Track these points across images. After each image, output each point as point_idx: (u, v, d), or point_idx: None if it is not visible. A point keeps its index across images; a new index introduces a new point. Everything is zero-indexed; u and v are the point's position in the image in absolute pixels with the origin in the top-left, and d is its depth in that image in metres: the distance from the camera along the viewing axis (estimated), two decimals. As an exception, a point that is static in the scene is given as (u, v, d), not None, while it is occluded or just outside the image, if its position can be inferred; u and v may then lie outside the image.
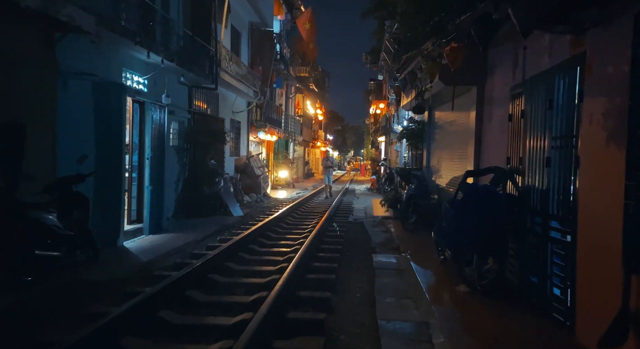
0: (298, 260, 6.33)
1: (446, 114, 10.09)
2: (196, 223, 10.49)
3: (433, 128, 11.23)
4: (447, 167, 9.86)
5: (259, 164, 17.09)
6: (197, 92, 12.10)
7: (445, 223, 6.55)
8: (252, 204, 15.12)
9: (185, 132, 11.21)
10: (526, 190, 5.41)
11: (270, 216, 11.39)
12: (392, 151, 22.80)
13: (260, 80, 17.52)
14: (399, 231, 10.06)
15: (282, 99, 26.00)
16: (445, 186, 9.87)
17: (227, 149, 15.23)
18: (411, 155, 15.40)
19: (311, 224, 10.79)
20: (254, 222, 10.66)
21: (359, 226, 11.26)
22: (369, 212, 14.09)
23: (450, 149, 9.56)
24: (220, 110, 14.20)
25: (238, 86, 14.55)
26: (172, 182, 10.61)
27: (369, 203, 16.87)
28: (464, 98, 8.61)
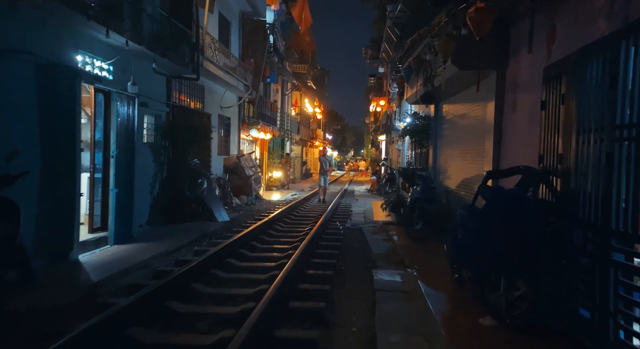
0: (282, 281, 5.14)
1: (456, 107, 8.90)
2: (174, 230, 9.28)
3: (440, 123, 10.04)
4: (458, 167, 8.66)
5: (250, 163, 15.89)
6: (177, 84, 10.90)
7: (463, 235, 5.34)
8: (242, 208, 13.91)
9: (163, 128, 10.01)
10: (569, 196, 4.21)
11: (259, 222, 10.19)
12: (394, 150, 21.60)
13: (252, 74, 16.32)
14: (402, 239, 8.86)
15: (277, 95, 24.80)
16: (456, 189, 8.67)
17: (215, 147, 14.03)
18: (415, 154, 14.20)
19: (304, 231, 9.59)
20: (239, 229, 9.46)
21: (358, 232, 10.06)
22: (368, 216, 12.88)
23: (462, 146, 8.36)
24: (206, 104, 12.99)
25: (226, 79, 13.35)
26: (146, 183, 9.40)
27: (368, 206, 15.66)
28: (480, 86, 7.42)
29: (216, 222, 10.47)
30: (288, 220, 11.41)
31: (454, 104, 9.11)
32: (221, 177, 13.96)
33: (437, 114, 10.35)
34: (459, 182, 8.50)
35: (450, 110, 9.36)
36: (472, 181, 7.74)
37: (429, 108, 11.64)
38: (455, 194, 8.65)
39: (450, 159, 9.23)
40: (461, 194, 8.26)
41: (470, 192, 7.73)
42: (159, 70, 9.53)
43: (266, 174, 20.89)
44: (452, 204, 8.87)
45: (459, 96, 8.66)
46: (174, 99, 10.67)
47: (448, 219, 8.90)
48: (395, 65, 11.73)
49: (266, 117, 19.04)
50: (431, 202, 8.83)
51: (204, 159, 12.39)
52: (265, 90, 20.89)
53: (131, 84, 7.55)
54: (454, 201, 8.77)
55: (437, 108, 10.34)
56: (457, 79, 7.24)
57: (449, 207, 9.03)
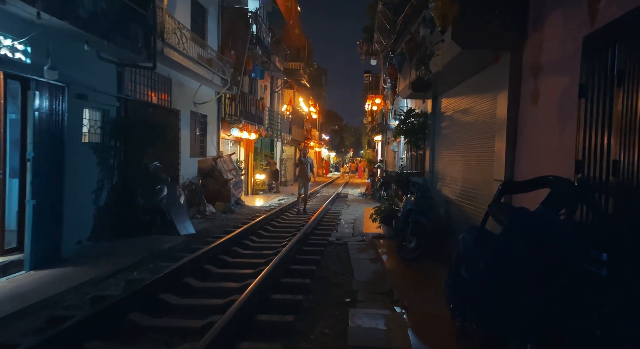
0: (217, 334, 3.66)
1: (458, 101, 7.41)
2: (122, 247, 7.78)
3: (439, 120, 8.54)
4: (460, 172, 7.17)
5: (229, 166, 14.39)
6: (134, 74, 9.39)
7: (468, 273, 3.84)
8: (217, 216, 12.40)
9: (113, 125, 8.50)
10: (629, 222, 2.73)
11: (228, 235, 8.69)
12: (389, 151, 20.11)
13: (233, 67, 14.82)
14: (393, 259, 7.36)
15: (266, 92, 23.29)
16: (457, 199, 7.17)
17: (186, 148, 12.52)
18: (410, 156, 12.69)
19: (279, 246, 8.10)
20: (199, 247, 7.94)
21: (342, 249, 8.54)
22: (357, 226, 11.38)
23: (465, 147, 6.87)
24: (174, 99, 11.49)
25: (198, 71, 11.85)
26: (88, 191, 7.89)
27: (359, 213, 14.16)
28: (487, 74, 5.93)
29: (177, 237, 8.96)
30: (264, 232, 9.90)
31: (454, 97, 7.61)
32: (193, 181, 12.45)
33: (435, 110, 8.85)
34: (461, 191, 7.01)
35: (451, 104, 7.87)
36: (477, 190, 6.25)
37: (425, 104, 10.14)
38: (457, 205, 7.15)
39: (451, 163, 7.74)
40: (464, 205, 6.77)
41: (475, 204, 6.24)
42: (105, 57, 8.03)
43: (251, 178, 19.38)
44: (453, 218, 7.38)
45: (461, 87, 7.17)
46: (129, 91, 9.16)
47: (448, 236, 7.40)
48: (388, 55, 10.24)
49: (251, 116, 17.54)
50: (427, 215, 7.33)
51: (170, 162, 10.89)
52: (251, 86, 19.39)
53: (48, 68, 6.03)
54: (455, 214, 7.28)
55: (435, 103, 8.85)
56: (459, 63, 5.75)
57: (449, 222, 7.53)
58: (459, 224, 6.98)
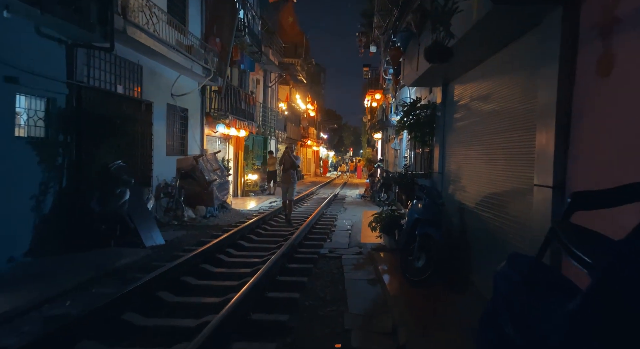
0: None
1: (476, 86, 6.02)
2: (67, 264, 6.40)
3: (451, 112, 7.14)
4: (479, 174, 5.77)
5: (213, 165, 12.98)
6: (92, 58, 8.00)
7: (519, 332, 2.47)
8: (196, 222, 11.01)
9: (60, 117, 7.10)
10: None
11: (204, 246, 7.36)
12: (390, 150, 18.72)
13: (218, 57, 13.42)
14: (396, 280, 5.98)
15: (258, 87, 21.88)
16: (476, 207, 5.79)
17: (162, 145, 11.14)
18: (414, 155, 11.29)
19: (259, 262, 6.75)
20: (162, 264, 6.57)
21: (335, 264, 7.16)
22: (354, 234, 10.00)
23: (488, 143, 5.47)
24: (146, 90, 10.10)
25: (176, 58, 10.46)
26: (25, 197, 6.51)
27: (357, 218, 12.78)
28: (521, 45, 4.55)
29: (140, 249, 7.57)
30: (245, 243, 8.51)
31: (472, 82, 6.22)
32: (170, 183, 11.05)
33: (446, 100, 7.45)
34: (481, 197, 5.62)
35: (466, 91, 6.47)
36: (505, 197, 4.86)
37: (433, 93, 8.74)
38: (475, 214, 5.76)
39: (467, 163, 6.34)
40: (485, 216, 5.38)
41: (502, 215, 4.86)
42: (48, 34, 6.64)
43: (241, 178, 17.99)
44: (470, 230, 5.98)
45: (481, 69, 5.78)
46: (84, 77, 7.76)
47: (465, 253, 6.01)
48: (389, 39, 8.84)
49: (240, 111, 16.14)
50: (438, 226, 5.95)
51: (140, 161, 9.49)
52: (241, 79, 17.99)
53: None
54: (472, 225, 5.89)
55: (446, 91, 7.45)
56: (487, 29, 4.35)
57: (464, 234, 6.14)
58: (478, 239, 5.59)
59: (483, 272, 5.36)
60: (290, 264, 6.73)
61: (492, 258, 5.10)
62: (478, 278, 5.53)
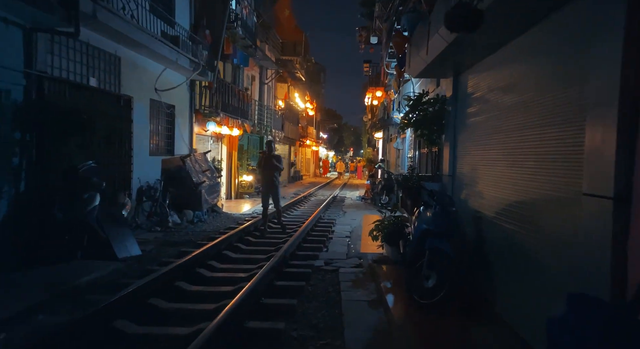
0: None
1: (498, 74, 5.13)
2: (19, 283, 5.52)
3: (464, 106, 6.25)
4: (500, 178, 4.87)
5: (202, 166, 12.09)
6: (57, 46, 7.13)
7: None
8: (181, 228, 10.12)
9: (16, 112, 6.21)
10: None
11: (184, 257, 6.51)
12: (392, 150, 17.83)
13: (208, 50, 12.54)
14: (402, 303, 5.10)
15: (254, 84, 20.97)
16: (497, 217, 4.90)
17: (144, 145, 10.26)
18: (419, 155, 10.41)
19: (245, 277, 5.88)
20: (134, 279, 5.70)
21: (331, 280, 6.27)
22: (354, 242, 9.11)
23: (513, 141, 4.58)
24: (125, 84, 9.21)
25: (159, 50, 9.58)
26: (-29, 203, 5.62)
27: (357, 222, 11.90)
28: (562, 18, 3.66)
29: (111, 262, 6.68)
30: (232, 254, 7.61)
31: (489, 70, 5.32)
32: (153, 186, 10.16)
33: (458, 93, 6.56)
34: (502, 206, 4.73)
35: (483, 82, 5.58)
36: (537, 207, 3.97)
37: (441, 87, 7.86)
38: (496, 225, 4.87)
39: (484, 165, 5.45)
40: (509, 229, 4.48)
41: (533, 228, 3.99)
42: (2, 16, 5.75)
43: (235, 179, 17.10)
44: (489, 244, 5.08)
45: (502, 54, 4.89)
46: (48, 67, 6.88)
47: (484, 272, 5.13)
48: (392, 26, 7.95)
49: (233, 108, 15.25)
50: (451, 239, 5.05)
51: (117, 161, 8.62)
52: (234, 75, 17.09)
53: None
54: (492, 238, 4.99)
55: (458, 83, 6.56)
56: None
57: (482, 249, 5.24)
58: (499, 256, 4.70)
59: (507, 297, 4.47)
60: (279, 282, 5.83)
61: (518, 281, 4.21)
62: (501, 303, 4.64)
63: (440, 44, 5.00)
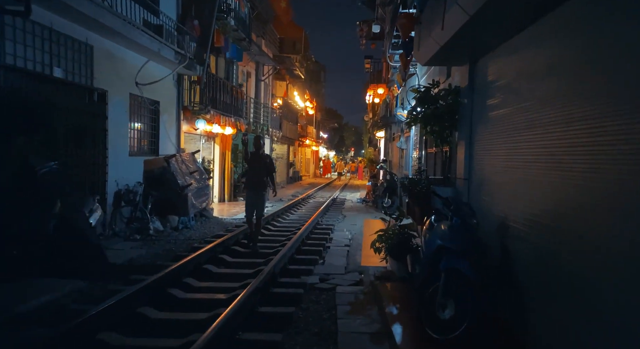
0: None
1: (527, 58, 4.17)
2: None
3: (484, 97, 5.30)
4: (536, 183, 3.92)
5: (190, 167, 11.15)
6: (11, 30, 6.18)
7: None
8: (163, 236, 9.18)
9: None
10: None
11: (159, 273, 5.63)
12: (394, 150, 16.88)
13: (197, 42, 11.60)
14: (412, 337, 4.18)
15: (250, 81, 20.02)
16: (530, 232, 3.95)
17: (123, 144, 9.33)
18: (426, 155, 9.46)
19: (225, 299, 4.96)
20: (91, 303, 4.77)
21: (326, 302, 5.32)
22: (354, 252, 8.17)
23: (550, 138, 3.62)
24: (100, 76, 8.27)
25: (137, 39, 8.63)
26: None
27: (357, 228, 10.96)
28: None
29: (69, 281, 5.75)
30: (214, 268, 6.65)
31: (521, 51, 4.36)
32: (132, 189, 9.22)
33: (475, 81, 5.61)
34: (538, 217, 3.78)
35: (508, 67, 4.63)
36: (597, 222, 3.03)
37: (452, 77, 6.90)
38: (528, 240, 3.92)
39: (511, 166, 4.50)
40: (552, 248, 3.53)
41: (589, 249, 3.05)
42: None
43: (229, 181, 16.17)
44: (523, 266, 4.11)
45: (540, 29, 3.93)
46: (1, 54, 5.94)
47: (515, 301, 4.17)
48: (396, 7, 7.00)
49: (225, 105, 14.31)
50: (473, 259, 4.11)
51: (89, 162, 7.69)
52: (227, 71, 16.14)
53: None
54: (526, 259, 4.02)
55: (475, 70, 5.61)
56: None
57: (511, 270, 4.27)
58: (538, 281, 3.74)
59: (546, 334, 3.51)
60: (263, 308, 4.88)
61: (562, 315, 3.27)
62: (536, 341, 3.68)
63: (459, 18, 4.05)
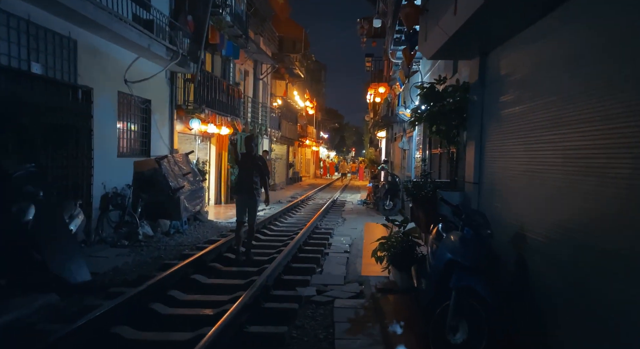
0: None
1: (547, 48, 3.68)
2: None
3: (497, 92, 4.81)
4: (558, 189, 3.42)
5: (183, 169, 10.67)
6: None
7: None
8: (153, 242, 8.70)
9: None
10: None
11: (143, 284, 5.16)
12: (396, 150, 16.38)
13: (190, 38, 11.13)
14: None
15: (248, 79, 19.54)
16: (552, 244, 3.45)
17: (111, 144, 8.86)
18: (430, 156, 8.97)
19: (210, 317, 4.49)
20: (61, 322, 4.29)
21: (323, 320, 4.84)
22: (354, 259, 7.68)
23: (581, 140, 3.13)
24: (85, 73, 7.80)
25: (124, 33, 8.15)
26: None
27: (358, 232, 10.47)
28: None
29: (42, 294, 5.26)
30: (204, 278, 6.17)
31: (542, 39, 3.87)
32: (121, 192, 8.74)
33: (486, 76, 5.12)
34: (565, 231, 3.29)
35: (525, 59, 4.15)
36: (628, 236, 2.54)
37: (460, 73, 6.41)
38: (552, 256, 3.43)
39: (530, 171, 4.01)
40: (580, 269, 3.05)
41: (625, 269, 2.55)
42: None
43: (226, 182, 15.68)
44: (546, 285, 3.62)
45: (556, 18, 3.44)
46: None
47: (537, 324, 3.68)
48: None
49: (221, 105, 13.83)
50: (488, 276, 3.63)
51: (72, 164, 7.22)
52: (224, 69, 15.67)
53: None
54: (550, 277, 3.53)
55: (486, 64, 5.12)
56: None
57: (530, 287, 3.78)
58: (564, 303, 3.25)
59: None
60: (252, 327, 4.39)
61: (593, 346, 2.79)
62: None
63: (472, 2, 3.56)
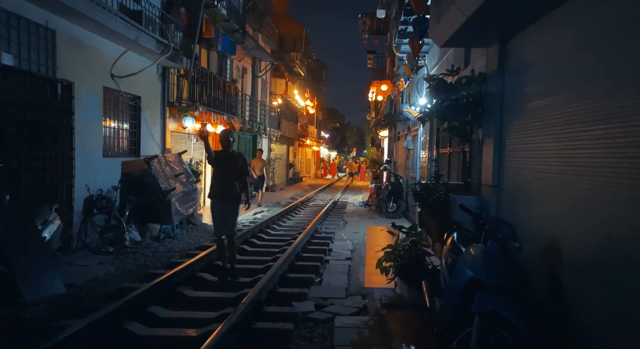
0: None
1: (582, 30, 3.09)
2: None
3: (521, 83, 4.22)
4: (603, 196, 2.82)
5: (174, 170, 10.08)
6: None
7: None
8: (141, 248, 8.11)
9: None
10: None
11: (123, 298, 4.63)
12: (400, 150, 15.77)
13: (184, 31, 10.55)
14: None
15: (246, 77, 18.95)
16: (588, 252, 2.84)
17: (97, 143, 8.27)
18: (439, 155, 8.36)
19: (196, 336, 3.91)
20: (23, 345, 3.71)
21: (321, 339, 4.26)
22: (356, 267, 7.10)
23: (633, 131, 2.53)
24: (65, 66, 7.22)
25: (107, 23, 7.57)
26: None
27: (360, 237, 9.87)
28: None
29: (6, 309, 4.69)
30: (191, 292, 5.59)
31: (577, 19, 3.29)
32: (105, 195, 8.16)
33: (506, 65, 4.53)
34: (613, 244, 2.70)
35: (559, 41, 3.56)
36: None
37: (473, 63, 5.80)
38: (597, 273, 2.85)
39: (563, 173, 3.42)
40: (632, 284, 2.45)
41: None
42: None
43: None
44: (580, 300, 3.03)
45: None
46: None
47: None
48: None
49: (217, 102, 13.25)
50: (519, 298, 3.04)
51: (49, 165, 6.63)
52: (220, 65, 15.07)
53: None
54: (587, 293, 2.94)
55: (506, 51, 4.53)
56: None
57: (567, 312, 3.19)
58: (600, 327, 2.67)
59: None
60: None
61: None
62: None
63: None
